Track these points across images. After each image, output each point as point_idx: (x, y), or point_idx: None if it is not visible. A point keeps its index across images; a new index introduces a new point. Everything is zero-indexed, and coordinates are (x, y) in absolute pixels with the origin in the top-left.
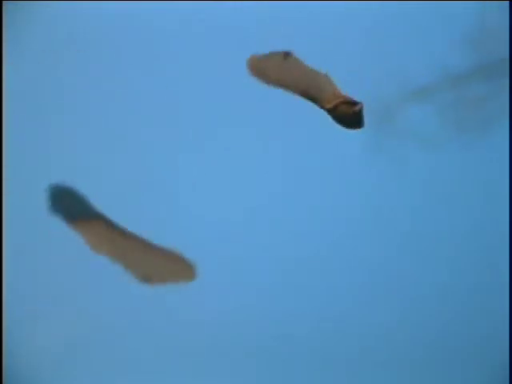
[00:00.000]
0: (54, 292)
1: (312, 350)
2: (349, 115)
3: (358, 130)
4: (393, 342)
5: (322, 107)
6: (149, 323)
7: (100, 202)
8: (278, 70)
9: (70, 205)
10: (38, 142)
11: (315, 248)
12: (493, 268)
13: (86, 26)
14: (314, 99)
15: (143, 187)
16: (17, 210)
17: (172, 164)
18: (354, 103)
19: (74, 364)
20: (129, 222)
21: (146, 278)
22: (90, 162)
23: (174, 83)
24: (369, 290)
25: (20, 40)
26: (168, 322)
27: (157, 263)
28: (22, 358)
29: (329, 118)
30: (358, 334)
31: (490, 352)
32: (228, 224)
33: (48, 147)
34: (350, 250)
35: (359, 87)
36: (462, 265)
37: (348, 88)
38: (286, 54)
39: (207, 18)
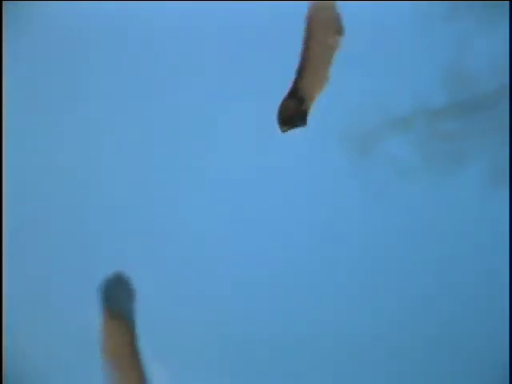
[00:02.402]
0: (54, 292)
1: (308, 351)
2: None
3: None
4: (393, 343)
5: None
6: (148, 323)
7: (100, 199)
8: None
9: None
10: (37, 142)
11: (301, 254)
12: (491, 275)
13: (86, 26)
14: None
15: (143, 186)
16: (16, 210)
17: (169, 166)
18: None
19: (73, 364)
20: (129, 218)
21: None
22: (90, 162)
23: (175, 84)
24: (364, 292)
25: (20, 40)
26: (165, 322)
27: None
28: (22, 358)
29: (314, 145)
30: (357, 335)
31: (490, 352)
32: (225, 229)
33: (48, 146)
34: (340, 253)
35: (340, 116)
36: (459, 271)
37: (329, 116)
38: None
39: (207, 17)
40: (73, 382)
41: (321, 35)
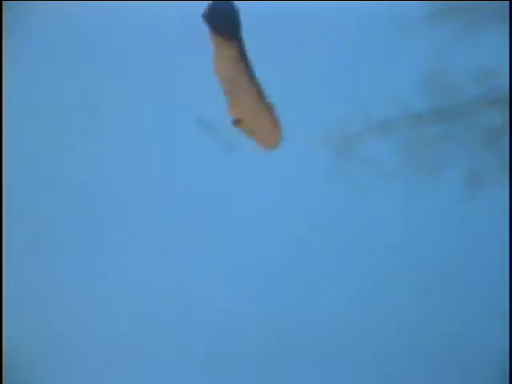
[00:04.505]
0: (54, 292)
1: (310, 351)
2: None
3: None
4: (393, 343)
5: None
6: (147, 321)
7: (100, 199)
8: None
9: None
10: (37, 142)
11: (286, 256)
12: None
13: (86, 26)
14: None
15: (143, 186)
16: (16, 210)
17: (170, 167)
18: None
19: (73, 361)
20: (129, 218)
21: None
22: (90, 162)
23: (175, 84)
24: (364, 292)
25: (20, 40)
26: (163, 321)
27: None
28: (22, 358)
29: (297, 148)
30: (357, 335)
31: (490, 352)
32: (218, 232)
33: (48, 146)
34: (331, 254)
35: (323, 120)
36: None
37: (313, 119)
38: None
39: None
40: (73, 381)
41: None
